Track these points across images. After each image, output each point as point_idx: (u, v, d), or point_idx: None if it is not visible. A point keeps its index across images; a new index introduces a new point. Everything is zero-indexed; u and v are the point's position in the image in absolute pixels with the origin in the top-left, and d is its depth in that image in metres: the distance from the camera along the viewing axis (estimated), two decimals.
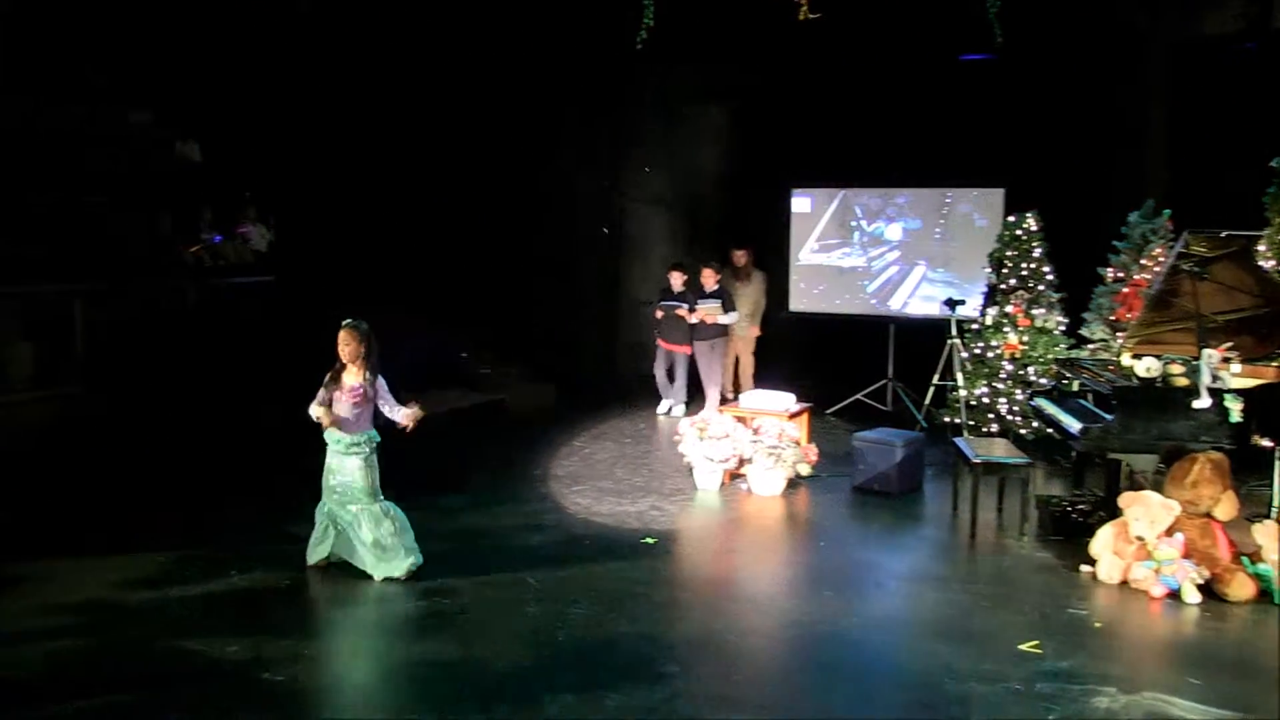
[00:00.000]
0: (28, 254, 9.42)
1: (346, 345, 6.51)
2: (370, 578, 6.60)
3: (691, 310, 11.72)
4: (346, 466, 6.61)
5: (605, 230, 13.64)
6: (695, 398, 11.99)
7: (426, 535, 7.16)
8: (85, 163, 9.90)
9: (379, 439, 6.74)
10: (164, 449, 9.03)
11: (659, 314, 11.98)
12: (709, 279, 11.83)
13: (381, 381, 6.63)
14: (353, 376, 6.55)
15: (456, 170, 12.58)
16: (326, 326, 6.64)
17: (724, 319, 11.75)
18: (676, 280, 12.00)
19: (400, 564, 6.60)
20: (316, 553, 6.76)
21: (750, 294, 12.37)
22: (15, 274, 9.14)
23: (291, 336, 10.15)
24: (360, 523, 6.60)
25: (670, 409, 11.99)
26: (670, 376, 12.07)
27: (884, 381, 12.19)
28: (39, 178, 9.60)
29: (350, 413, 6.56)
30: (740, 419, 9.09)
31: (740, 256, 12.33)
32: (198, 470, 8.89)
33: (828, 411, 11.78)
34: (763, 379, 10.86)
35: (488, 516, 8.14)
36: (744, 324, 12.22)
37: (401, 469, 9.21)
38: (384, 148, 11.67)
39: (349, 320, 6.59)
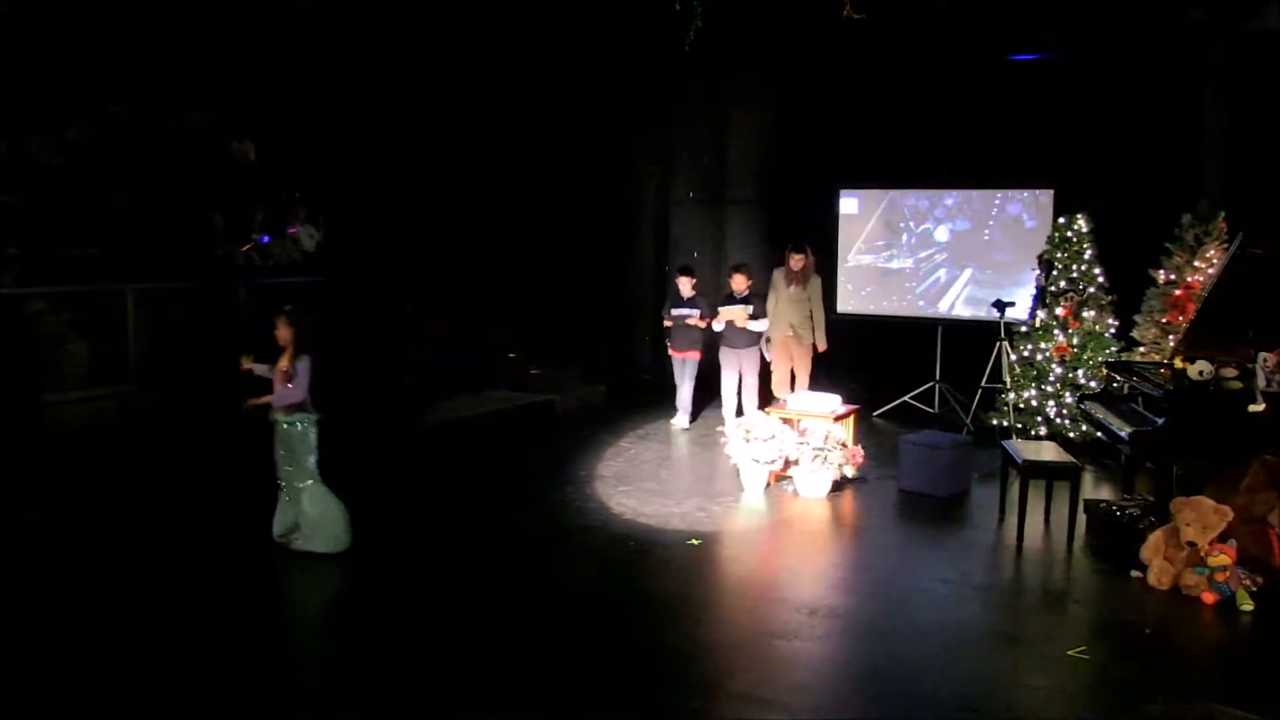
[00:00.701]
0: (83, 254, 9.56)
1: (280, 331, 7.03)
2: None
3: (703, 317, 11.04)
4: (285, 443, 7.07)
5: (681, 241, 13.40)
6: (709, 404, 11.60)
7: (468, 534, 7.22)
8: (146, 163, 10.03)
9: (317, 418, 7.13)
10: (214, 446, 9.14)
11: (668, 322, 11.32)
12: (740, 283, 10.98)
13: (304, 364, 7.02)
14: (286, 360, 7.03)
15: (509, 171, 12.61)
16: (375, 326, 6.83)
17: (754, 325, 10.91)
18: (685, 285, 11.26)
19: (325, 541, 7.01)
20: (279, 526, 7.18)
21: (800, 300, 11.09)
22: (71, 273, 9.28)
23: (339, 336, 10.25)
24: (298, 498, 7.05)
25: (681, 420, 11.38)
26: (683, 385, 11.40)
27: (931, 384, 12.11)
28: (104, 179, 9.76)
29: (283, 392, 7.03)
30: (787, 420, 9.06)
31: (796, 260, 11.05)
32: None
33: (875, 413, 11.73)
34: (810, 382, 10.78)
35: (532, 516, 8.18)
36: (793, 332, 11.04)
37: (447, 469, 9.40)
38: (435, 149, 11.71)
39: (286, 308, 7.17)
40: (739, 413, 10.72)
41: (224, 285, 10.19)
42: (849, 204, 12.96)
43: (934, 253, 12.53)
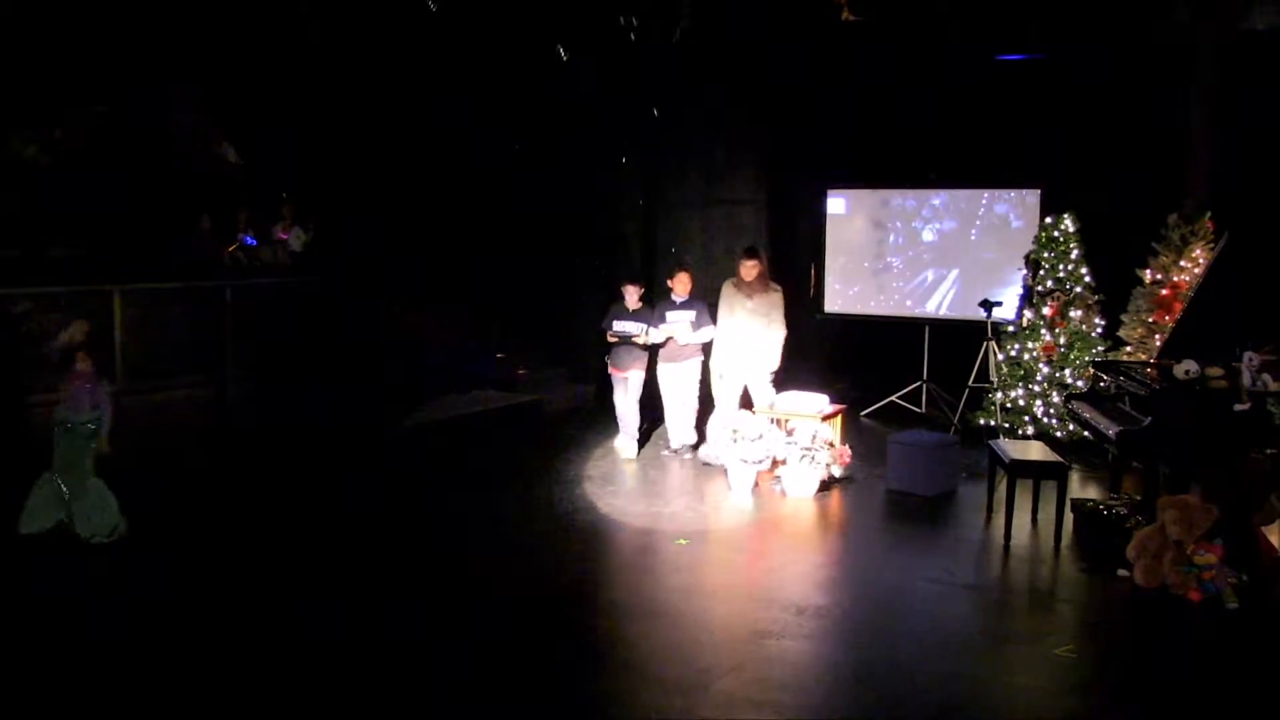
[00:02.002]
0: (69, 254, 9.54)
1: (79, 361, 7.42)
2: None
3: (647, 334, 9.78)
4: (74, 441, 7.33)
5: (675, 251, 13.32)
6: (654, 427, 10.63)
7: (461, 535, 7.20)
8: (133, 164, 10.03)
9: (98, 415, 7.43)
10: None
11: (611, 338, 9.97)
12: (681, 286, 9.87)
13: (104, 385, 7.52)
14: (81, 363, 7.40)
15: (498, 171, 12.62)
16: (362, 327, 6.79)
17: (697, 337, 9.74)
18: (632, 296, 10.01)
19: (105, 527, 7.27)
20: (35, 522, 7.32)
21: (757, 317, 9.56)
22: (59, 274, 9.26)
23: (326, 336, 10.26)
24: (83, 491, 7.28)
25: (627, 447, 10.11)
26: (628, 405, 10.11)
27: (919, 384, 12.11)
28: (91, 179, 9.76)
29: (77, 394, 7.34)
30: (774, 420, 9.05)
31: (749, 267, 9.60)
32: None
33: (862, 413, 11.73)
34: (797, 380, 10.70)
35: (520, 516, 8.19)
36: (746, 360, 9.62)
37: (434, 468, 9.39)
38: (423, 150, 11.71)
39: (81, 337, 7.64)
40: (690, 436, 9.99)
41: (210, 285, 10.14)
42: (836, 204, 12.96)
43: (921, 252, 12.53)
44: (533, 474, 9.38)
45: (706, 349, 9.90)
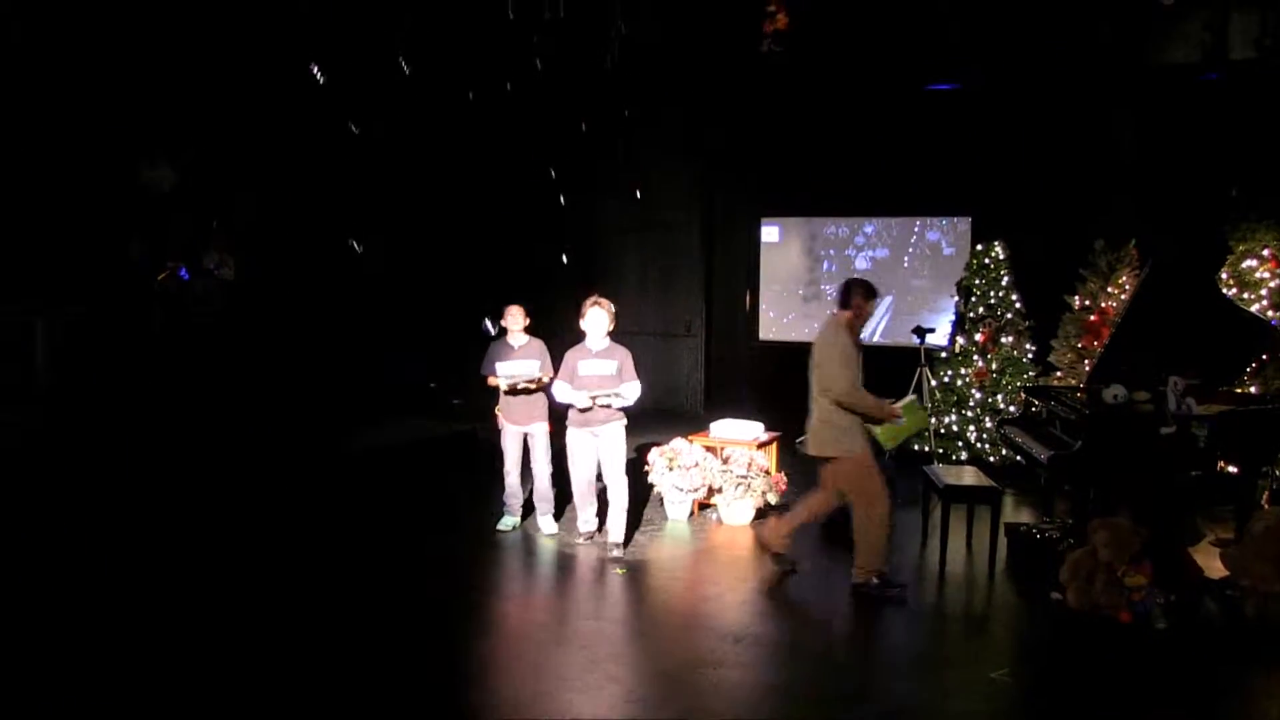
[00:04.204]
0: None
1: None
2: None
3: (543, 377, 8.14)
4: None
5: (565, 259, 13.32)
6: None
7: (394, 570, 7.10)
8: (58, 188, 9.85)
9: None
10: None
11: (493, 381, 8.20)
12: (596, 323, 7.82)
13: None
14: None
15: (430, 198, 12.60)
16: (292, 355, 6.66)
17: (613, 399, 7.81)
18: (516, 319, 8.30)
19: None
20: None
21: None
22: None
23: (257, 365, 10.13)
24: None
25: (506, 522, 8.49)
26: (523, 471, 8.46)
27: None
28: (16, 204, 9.57)
29: None
30: (710, 448, 9.07)
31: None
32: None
33: (797, 440, 11.69)
34: (731, 408, 10.70)
35: (454, 546, 8.13)
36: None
37: (365, 497, 9.27)
38: (354, 174, 11.60)
39: None
40: (602, 524, 8.21)
41: (140, 313, 10.00)
42: (770, 232, 13.10)
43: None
44: (466, 502, 9.31)
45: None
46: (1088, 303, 10.43)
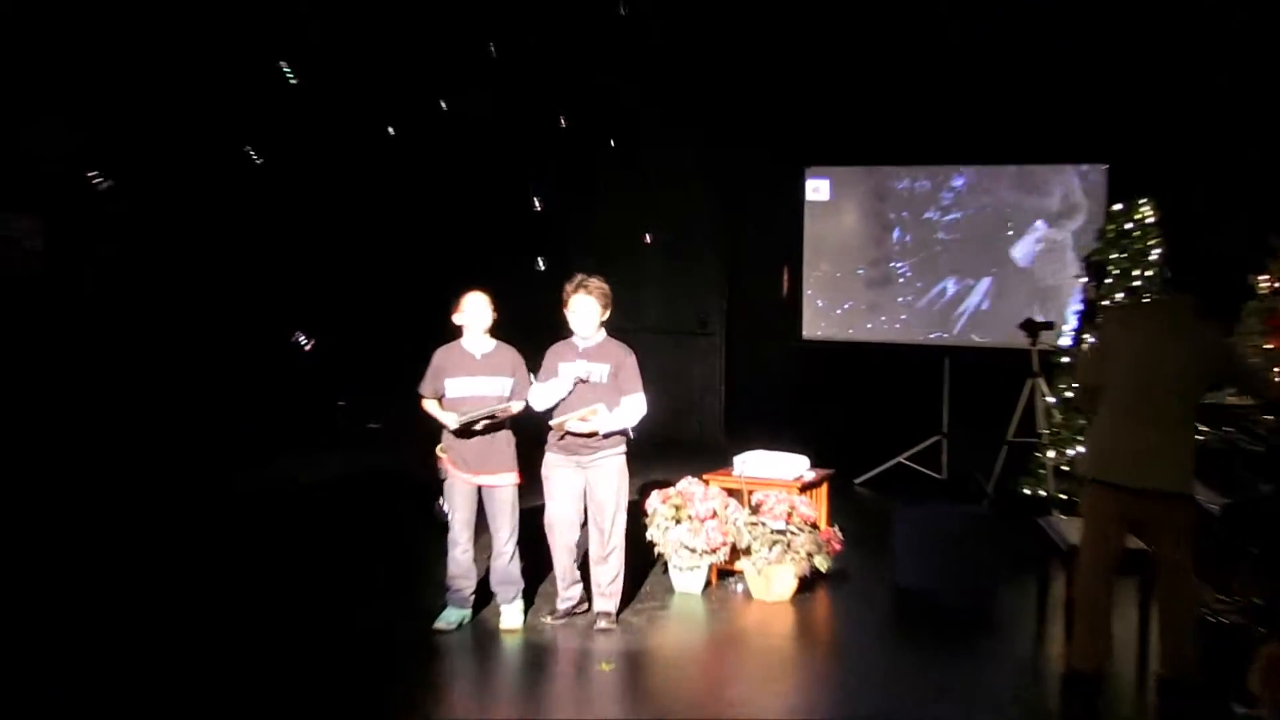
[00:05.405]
0: None
1: None
2: None
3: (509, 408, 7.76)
4: None
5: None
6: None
7: (304, 656, 7.22)
8: None
9: None
10: None
11: (435, 410, 7.79)
12: (584, 314, 7.70)
13: None
14: None
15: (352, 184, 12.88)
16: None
17: (610, 421, 7.69)
18: (477, 312, 7.73)
19: None
20: None
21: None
22: None
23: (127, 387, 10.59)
24: None
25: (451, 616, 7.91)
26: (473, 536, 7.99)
27: (936, 438, 12.20)
28: None
29: None
30: (733, 491, 8.87)
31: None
32: None
33: (857, 481, 11.76)
34: (763, 434, 10.38)
35: (383, 629, 7.93)
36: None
37: (261, 551, 9.59)
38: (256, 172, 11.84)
39: None
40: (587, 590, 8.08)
41: None
42: (818, 188, 13.27)
43: (938, 254, 12.67)
44: (392, 569, 9.30)
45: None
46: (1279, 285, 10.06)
